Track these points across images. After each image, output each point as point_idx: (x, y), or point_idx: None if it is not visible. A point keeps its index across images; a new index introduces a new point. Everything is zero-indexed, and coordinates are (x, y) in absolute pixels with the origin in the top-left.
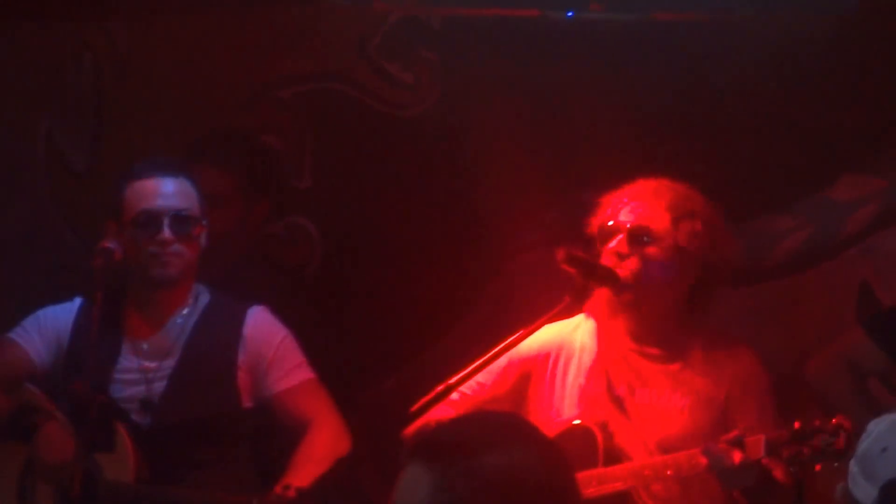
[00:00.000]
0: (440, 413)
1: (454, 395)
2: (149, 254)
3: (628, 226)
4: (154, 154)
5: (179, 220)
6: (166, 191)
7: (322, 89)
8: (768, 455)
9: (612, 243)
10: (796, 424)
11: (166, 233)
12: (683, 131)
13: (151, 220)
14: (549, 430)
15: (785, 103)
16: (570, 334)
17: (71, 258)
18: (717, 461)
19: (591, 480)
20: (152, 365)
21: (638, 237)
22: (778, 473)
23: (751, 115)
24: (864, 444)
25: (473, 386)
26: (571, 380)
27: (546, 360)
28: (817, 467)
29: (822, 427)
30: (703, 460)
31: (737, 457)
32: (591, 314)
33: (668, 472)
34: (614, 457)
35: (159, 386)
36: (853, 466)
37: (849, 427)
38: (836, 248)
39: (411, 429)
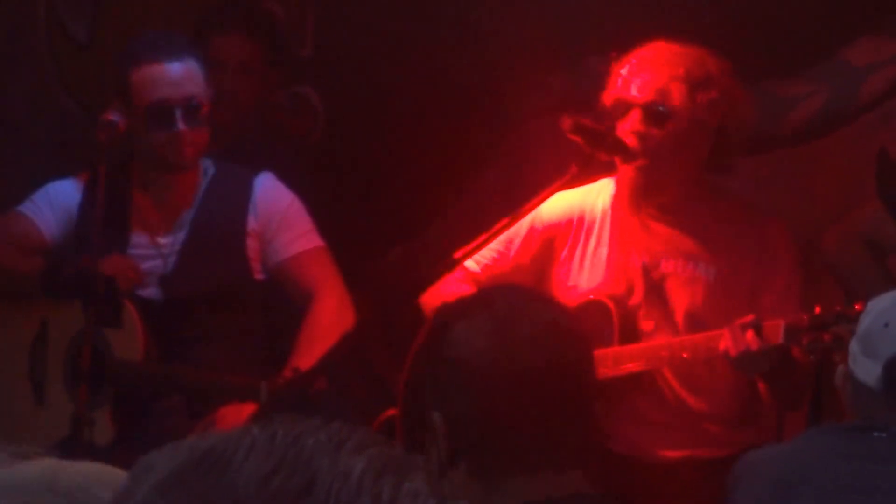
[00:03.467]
0: (457, 284)
1: (475, 266)
2: (163, 142)
3: (642, 101)
4: (156, 24)
5: (191, 109)
6: (175, 78)
7: None
8: (787, 341)
9: (627, 120)
10: (817, 309)
11: (180, 126)
12: None
13: (164, 111)
14: (568, 303)
15: None
16: (594, 200)
17: (76, 132)
18: (734, 346)
19: (607, 360)
20: (165, 241)
21: (653, 113)
22: (796, 352)
23: None
24: (865, 322)
25: (493, 255)
26: (592, 249)
27: (569, 227)
28: (837, 356)
29: (843, 313)
30: (720, 345)
31: (754, 342)
32: (614, 182)
33: (684, 355)
34: (630, 334)
35: (173, 260)
36: (854, 346)
37: None
38: (854, 114)
39: (425, 297)
